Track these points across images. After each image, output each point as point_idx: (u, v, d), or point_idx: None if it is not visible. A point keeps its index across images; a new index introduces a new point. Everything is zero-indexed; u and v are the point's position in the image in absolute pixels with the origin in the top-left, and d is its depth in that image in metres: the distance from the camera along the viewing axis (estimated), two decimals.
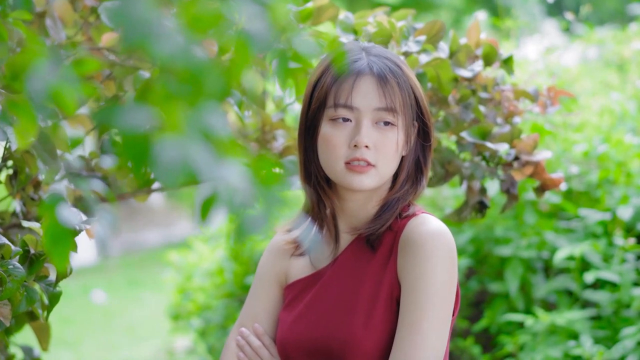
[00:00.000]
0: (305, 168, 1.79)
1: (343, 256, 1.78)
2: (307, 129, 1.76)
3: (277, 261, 1.88)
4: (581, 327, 3.24)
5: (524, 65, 4.06)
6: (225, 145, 0.87)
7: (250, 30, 0.88)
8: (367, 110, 1.69)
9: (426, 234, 1.67)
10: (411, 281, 1.64)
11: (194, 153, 0.84)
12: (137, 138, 0.81)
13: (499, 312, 3.50)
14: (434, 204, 3.73)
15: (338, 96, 1.70)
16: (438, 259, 1.64)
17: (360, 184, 1.70)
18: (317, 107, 1.73)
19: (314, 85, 1.75)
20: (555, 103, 2.47)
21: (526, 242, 3.50)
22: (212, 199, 0.86)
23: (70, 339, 7.13)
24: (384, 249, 1.73)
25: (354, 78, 1.70)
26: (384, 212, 1.75)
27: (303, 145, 1.79)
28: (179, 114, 0.83)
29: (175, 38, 0.74)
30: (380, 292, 1.68)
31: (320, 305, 1.76)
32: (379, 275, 1.70)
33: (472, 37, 2.41)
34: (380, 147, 1.70)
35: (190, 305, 4.37)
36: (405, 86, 1.73)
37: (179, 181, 0.83)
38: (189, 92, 0.77)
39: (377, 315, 1.67)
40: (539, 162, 2.32)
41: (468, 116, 2.34)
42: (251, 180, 0.87)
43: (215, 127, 0.86)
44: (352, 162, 1.69)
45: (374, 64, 1.72)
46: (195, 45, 0.75)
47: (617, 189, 3.53)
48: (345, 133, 1.70)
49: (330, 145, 1.71)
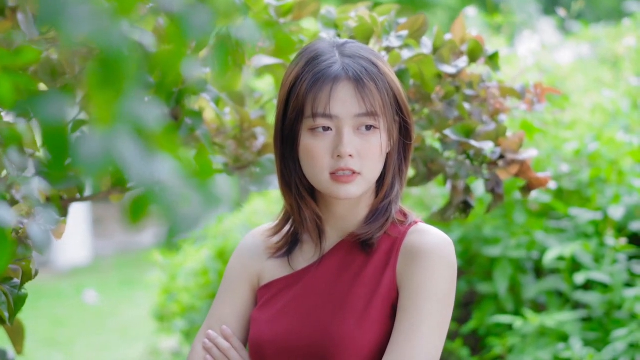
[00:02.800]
0: (284, 176, 1.75)
1: (331, 256, 1.75)
2: (285, 138, 1.72)
3: (250, 262, 1.83)
4: (571, 328, 3.21)
5: (514, 61, 4.00)
6: (156, 139, 0.80)
7: (186, 14, 0.82)
8: (347, 118, 1.65)
9: (432, 244, 1.67)
10: (412, 287, 1.64)
11: (120, 146, 0.77)
12: (56, 129, 0.75)
13: (487, 314, 3.46)
14: (421, 202, 3.67)
15: (316, 105, 1.66)
16: (441, 269, 1.65)
17: (347, 194, 1.67)
18: (295, 117, 1.68)
19: (288, 92, 1.71)
20: (542, 100, 2.41)
21: (515, 242, 3.45)
22: (143, 199, 0.80)
23: (61, 340, 7.09)
24: (381, 252, 1.71)
25: (331, 85, 1.65)
26: (378, 215, 1.73)
27: (281, 153, 1.75)
28: (107, 103, 0.77)
29: (93, 18, 0.68)
30: (377, 295, 1.67)
31: (304, 304, 1.72)
32: (375, 278, 1.69)
33: (456, 33, 2.35)
34: (364, 154, 1.66)
35: (175, 306, 4.32)
36: (384, 85, 1.69)
37: (101, 176, 0.76)
38: (107, 78, 0.71)
39: (371, 316, 1.65)
40: (525, 160, 2.27)
41: (452, 113, 2.29)
42: (184, 177, 0.81)
43: (146, 118, 0.79)
44: (337, 172, 1.66)
45: (349, 67, 1.67)
46: (117, 27, 0.69)
47: (608, 188, 3.49)
48: (327, 143, 1.66)
49: (312, 156, 1.67)
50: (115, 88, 0.75)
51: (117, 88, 0.75)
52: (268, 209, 4.34)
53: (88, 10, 0.68)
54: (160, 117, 0.81)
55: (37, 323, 7.71)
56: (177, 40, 0.83)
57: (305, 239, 1.79)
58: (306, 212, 1.75)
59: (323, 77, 1.66)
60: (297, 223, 1.78)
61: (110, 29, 0.70)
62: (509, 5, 6.93)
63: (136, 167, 0.79)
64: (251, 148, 2.44)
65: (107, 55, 0.73)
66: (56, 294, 9.17)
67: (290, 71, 1.72)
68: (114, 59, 0.72)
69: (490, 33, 4.76)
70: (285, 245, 1.81)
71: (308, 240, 1.79)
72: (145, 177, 0.79)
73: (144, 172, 0.79)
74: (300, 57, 1.73)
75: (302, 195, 1.74)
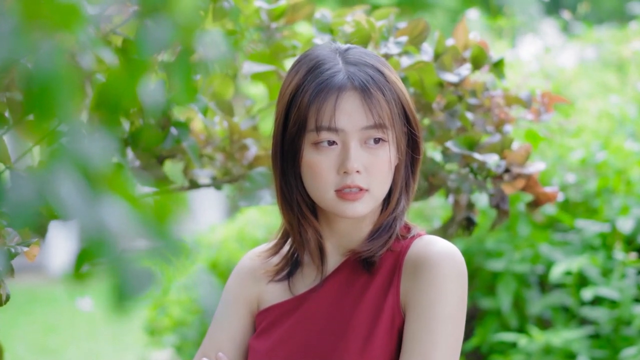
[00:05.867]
0: (283, 194, 1.63)
1: (333, 278, 1.63)
2: (285, 153, 1.60)
3: (248, 285, 1.72)
4: (578, 346, 3.10)
5: (518, 66, 3.88)
6: (104, 178, 0.66)
7: (144, 29, 0.67)
8: (353, 131, 1.53)
9: (436, 255, 1.54)
10: (420, 307, 1.52)
11: (58, 187, 0.63)
12: None
13: (490, 330, 3.34)
14: (421, 214, 3.55)
15: (320, 118, 1.53)
16: (449, 282, 1.52)
17: (354, 212, 1.55)
18: (296, 131, 1.56)
19: (288, 104, 1.58)
20: (549, 110, 2.28)
21: (519, 256, 3.34)
22: (87, 252, 0.66)
23: (53, 347, 7.01)
24: (384, 271, 1.59)
25: (335, 96, 1.53)
26: (381, 231, 1.61)
27: (280, 169, 1.62)
28: (39, 133, 0.62)
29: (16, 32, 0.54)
30: (381, 318, 1.55)
31: (305, 330, 1.61)
32: (378, 300, 1.57)
33: (459, 38, 2.22)
34: (371, 169, 1.55)
35: (166, 320, 4.19)
36: (392, 95, 1.56)
37: (30, 223, 0.62)
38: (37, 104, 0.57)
39: (375, 342, 1.54)
40: (532, 174, 2.14)
41: (454, 124, 2.16)
42: (138, 222, 0.67)
43: (90, 153, 0.65)
44: (344, 189, 1.54)
45: (354, 75, 1.54)
46: (42, 44, 0.55)
47: (616, 199, 3.37)
48: (332, 158, 1.54)
49: (316, 173, 1.55)
50: (46, 115, 0.61)
51: (48, 115, 0.61)
52: (262, 219, 4.22)
53: (9, 23, 0.54)
54: (109, 151, 0.67)
55: (30, 329, 7.61)
56: (132, 58, 0.69)
57: (306, 261, 1.68)
58: (308, 232, 1.63)
59: (327, 87, 1.53)
60: (297, 243, 1.66)
61: (38, 44, 0.56)
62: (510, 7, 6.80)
63: (78, 212, 0.65)
64: (241, 160, 2.31)
65: (37, 76, 0.59)
66: (50, 300, 9.06)
67: (290, 81, 1.59)
68: (44, 80, 0.58)
69: (492, 36, 4.63)
70: (285, 267, 1.70)
71: (309, 262, 1.67)
72: (89, 224, 0.65)
73: (88, 216, 0.65)
74: (299, 65, 1.60)
75: (304, 214, 1.62)
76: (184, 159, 2.27)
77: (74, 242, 0.67)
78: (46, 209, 0.66)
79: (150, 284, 0.68)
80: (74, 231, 0.66)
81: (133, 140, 2.00)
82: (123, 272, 0.66)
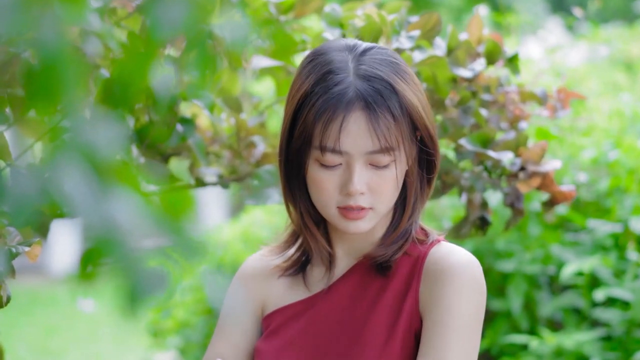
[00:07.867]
0: (292, 194, 1.60)
1: (344, 281, 1.60)
2: (290, 162, 1.57)
3: (253, 288, 1.68)
4: (590, 349, 3.05)
5: (528, 64, 3.83)
6: (113, 170, 0.60)
7: (158, 11, 0.61)
8: (358, 154, 1.49)
9: (457, 264, 1.53)
10: (438, 314, 1.50)
11: (63, 180, 0.57)
12: None
13: (500, 332, 3.29)
14: (430, 214, 3.50)
15: (325, 139, 1.48)
16: (469, 292, 1.51)
17: (356, 229, 1.53)
18: (301, 144, 1.52)
19: (295, 110, 1.52)
20: (566, 106, 2.23)
21: (530, 256, 3.28)
22: (95, 251, 0.60)
23: (54, 348, 6.99)
24: (401, 275, 1.57)
25: (342, 116, 1.47)
26: (398, 237, 1.59)
27: (285, 174, 1.59)
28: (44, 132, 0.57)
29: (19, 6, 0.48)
30: (399, 324, 1.52)
31: (314, 336, 1.57)
32: (396, 305, 1.54)
33: (473, 33, 2.17)
34: (377, 189, 1.51)
35: (170, 322, 4.14)
36: (401, 112, 1.50)
37: (32, 222, 0.56)
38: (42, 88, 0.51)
39: (393, 348, 1.51)
40: (548, 172, 2.08)
41: (468, 121, 2.10)
42: (151, 218, 0.61)
43: (98, 143, 0.59)
44: (347, 208, 1.51)
45: (363, 93, 1.47)
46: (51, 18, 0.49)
47: (629, 198, 3.32)
48: (336, 177, 1.51)
49: (320, 189, 1.52)
50: (50, 99, 0.55)
51: (52, 99, 0.55)
52: (267, 219, 4.16)
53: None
54: (118, 142, 0.60)
55: (31, 331, 7.57)
56: (144, 42, 0.63)
57: (315, 262, 1.64)
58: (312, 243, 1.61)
59: (335, 105, 1.47)
60: (307, 245, 1.63)
61: (41, 21, 0.50)
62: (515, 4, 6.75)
63: (86, 207, 0.59)
64: (249, 158, 2.25)
65: (41, 56, 0.53)
66: (51, 301, 9.02)
67: (300, 83, 1.53)
68: (48, 60, 0.52)
69: (500, 34, 4.57)
70: (294, 265, 1.65)
71: (318, 263, 1.64)
72: (98, 220, 0.59)
73: (97, 212, 0.59)
74: (311, 67, 1.53)
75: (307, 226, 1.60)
76: (189, 157, 2.21)
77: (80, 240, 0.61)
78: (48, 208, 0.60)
79: (163, 285, 0.62)
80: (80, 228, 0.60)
81: (138, 137, 1.95)
82: (134, 273, 0.60)
